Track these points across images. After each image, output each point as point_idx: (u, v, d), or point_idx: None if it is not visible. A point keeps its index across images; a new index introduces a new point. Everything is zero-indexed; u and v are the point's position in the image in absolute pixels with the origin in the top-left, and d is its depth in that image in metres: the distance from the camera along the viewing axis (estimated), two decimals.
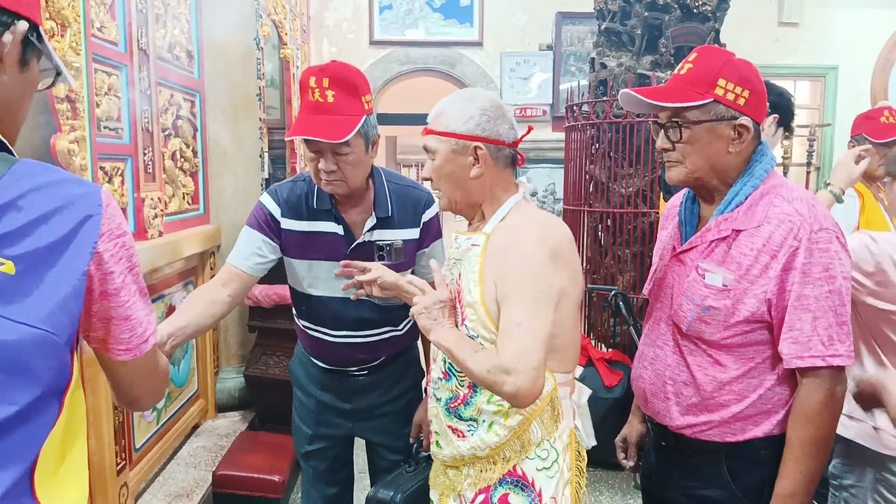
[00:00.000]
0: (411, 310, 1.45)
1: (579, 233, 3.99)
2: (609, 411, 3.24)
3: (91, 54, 2.27)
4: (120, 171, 2.52)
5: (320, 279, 1.87)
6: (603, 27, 3.87)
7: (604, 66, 3.78)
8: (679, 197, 1.61)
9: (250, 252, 1.84)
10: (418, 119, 1.62)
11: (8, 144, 0.89)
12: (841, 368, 1.32)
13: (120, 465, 2.45)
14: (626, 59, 3.69)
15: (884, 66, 6.50)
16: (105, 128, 2.40)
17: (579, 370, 3.46)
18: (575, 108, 3.96)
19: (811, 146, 5.68)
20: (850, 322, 1.35)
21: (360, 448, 2.14)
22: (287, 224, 1.84)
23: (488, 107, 1.42)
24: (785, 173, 6.51)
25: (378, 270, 1.62)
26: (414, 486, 1.73)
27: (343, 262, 1.71)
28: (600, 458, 1.84)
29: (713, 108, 1.37)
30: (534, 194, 1.57)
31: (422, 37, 6.49)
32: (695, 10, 3.56)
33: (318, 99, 1.66)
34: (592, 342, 3.84)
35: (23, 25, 0.90)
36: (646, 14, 3.62)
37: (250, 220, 1.88)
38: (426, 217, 1.91)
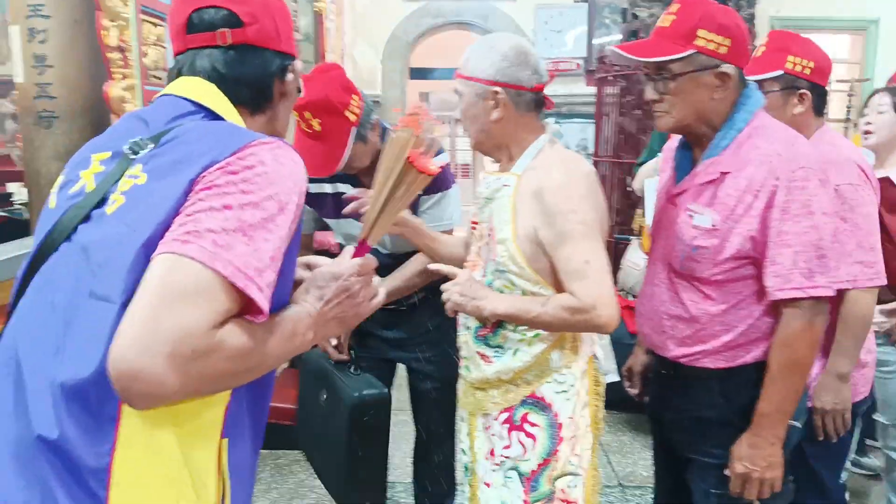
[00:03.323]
0: (444, 296, 1.52)
1: (610, 184, 4.04)
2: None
3: (139, 6, 2.38)
4: None
5: (348, 233, 2.04)
6: None
7: (635, 16, 3.79)
8: (675, 141, 1.67)
9: None
10: (450, 74, 1.69)
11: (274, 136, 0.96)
12: (820, 299, 1.40)
13: None
14: (658, 10, 3.69)
15: None
16: (153, 76, 2.51)
17: None
18: (606, 60, 3.97)
19: (850, 101, 5.56)
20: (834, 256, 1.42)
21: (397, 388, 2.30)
22: (311, 188, 1.95)
23: (510, 53, 1.49)
24: None
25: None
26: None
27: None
28: (620, 399, 1.95)
29: (695, 58, 1.43)
30: (559, 136, 1.64)
31: None
32: None
33: (305, 129, 1.81)
34: (619, 291, 3.92)
35: (298, 64, 1.08)
36: None
37: None
38: None
